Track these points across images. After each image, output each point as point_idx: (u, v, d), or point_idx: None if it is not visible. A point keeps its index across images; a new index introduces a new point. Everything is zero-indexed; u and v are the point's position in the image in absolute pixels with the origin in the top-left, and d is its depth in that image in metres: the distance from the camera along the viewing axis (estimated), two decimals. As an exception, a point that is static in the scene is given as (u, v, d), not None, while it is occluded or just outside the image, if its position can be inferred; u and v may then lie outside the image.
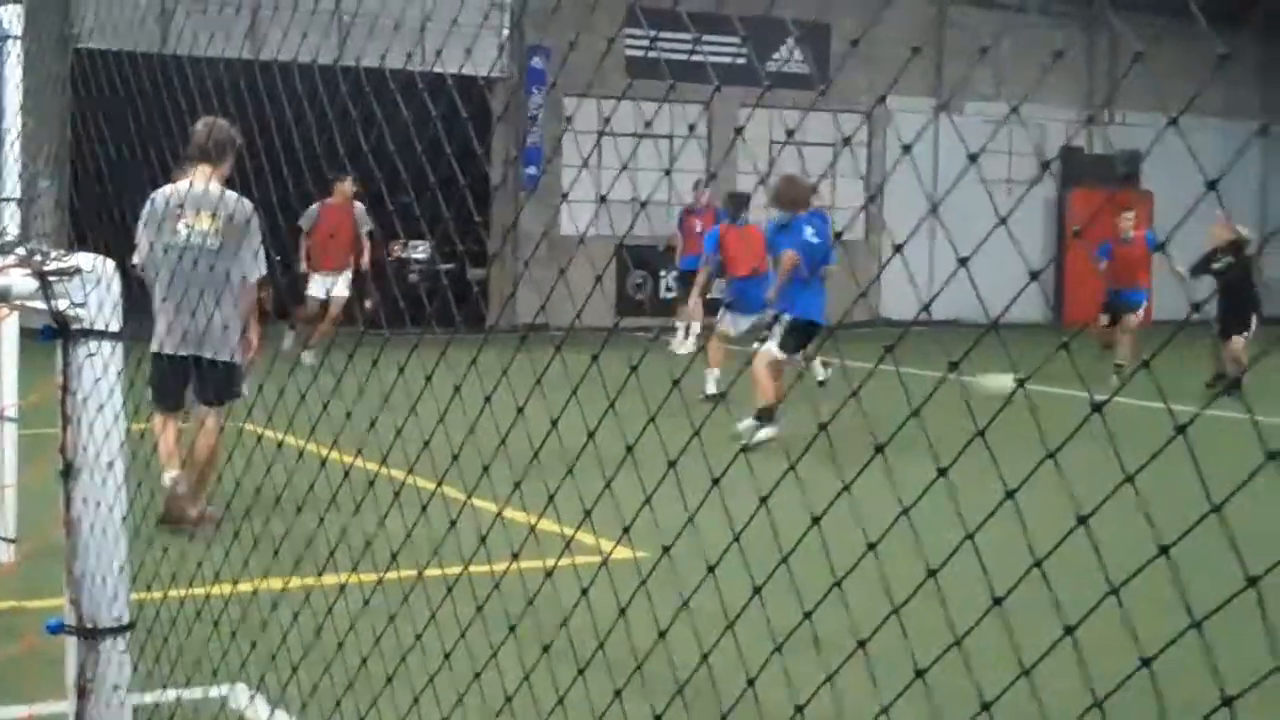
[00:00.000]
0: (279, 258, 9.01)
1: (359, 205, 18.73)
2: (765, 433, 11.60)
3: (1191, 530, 2.63)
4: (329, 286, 18.46)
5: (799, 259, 12.69)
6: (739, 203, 18.44)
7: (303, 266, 18.59)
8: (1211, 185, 2.79)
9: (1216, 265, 17.17)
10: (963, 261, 3.35)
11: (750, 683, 3.26)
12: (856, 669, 3.22)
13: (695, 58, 25.10)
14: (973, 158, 3.41)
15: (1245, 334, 16.79)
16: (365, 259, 18.86)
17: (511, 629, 4.13)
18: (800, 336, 12.36)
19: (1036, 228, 29.18)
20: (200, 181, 8.94)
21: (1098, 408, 2.75)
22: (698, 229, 20.92)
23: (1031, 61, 24.24)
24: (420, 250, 24.21)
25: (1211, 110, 24.94)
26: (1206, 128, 23.12)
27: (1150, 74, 25.04)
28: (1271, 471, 2.35)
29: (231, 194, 8.85)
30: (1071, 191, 28.89)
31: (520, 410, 3.89)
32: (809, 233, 12.33)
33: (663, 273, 25.61)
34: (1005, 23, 26.12)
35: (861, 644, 3.04)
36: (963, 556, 2.93)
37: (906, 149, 2.98)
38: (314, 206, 18.39)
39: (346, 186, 18.33)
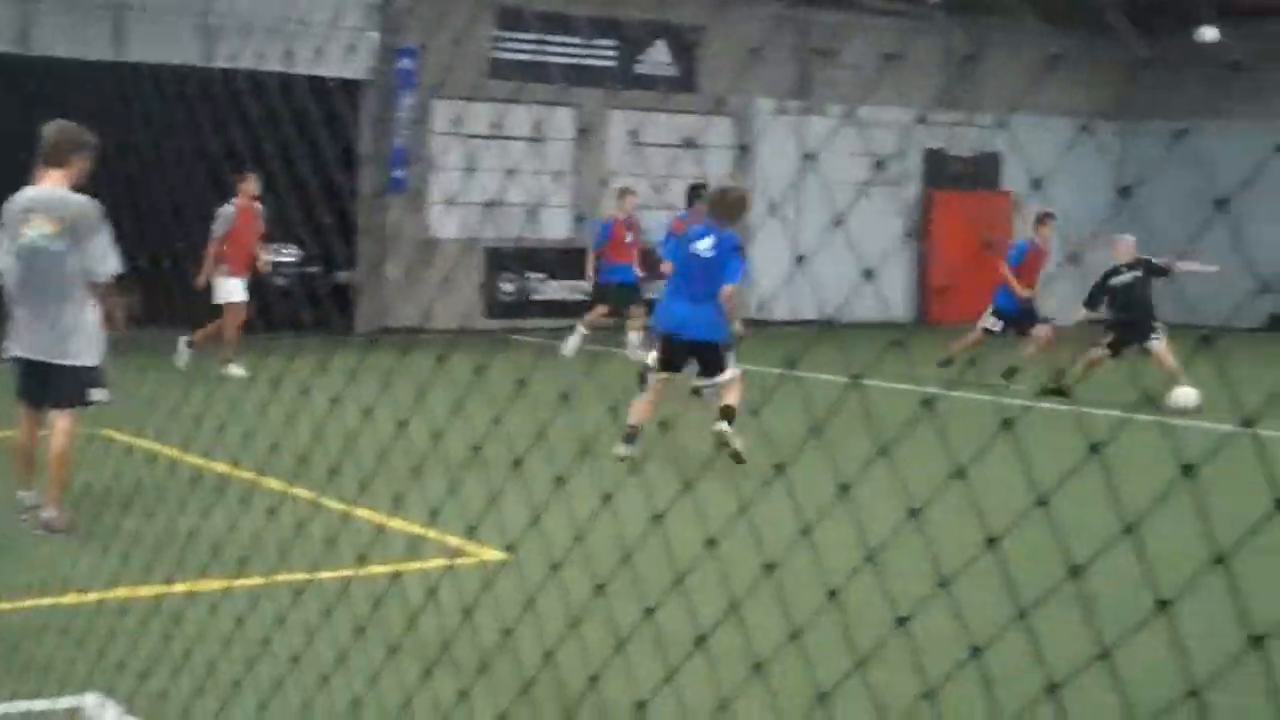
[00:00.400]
0: (129, 265, 8.81)
1: (258, 205, 18.24)
2: (621, 449, 11.22)
3: (1019, 524, 2.68)
4: (230, 290, 17.84)
5: (669, 267, 12.32)
6: (695, 194, 18.38)
7: (221, 271, 17.82)
8: (1036, 184, 2.86)
9: (1117, 280, 16.96)
10: (799, 260, 3.40)
11: (592, 680, 3.27)
12: (698, 665, 3.25)
13: (560, 59, 25.08)
14: (808, 157, 3.47)
15: (1157, 337, 16.62)
16: (264, 259, 18.36)
17: (361, 630, 4.11)
18: (665, 349, 11.77)
19: (903, 229, 29.55)
20: (46, 184, 8.78)
21: (928, 404, 2.81)
22: (627, 239, 20.75)
23: (895, 64, 24.54)
24: (287, 254, 23.95)
25: (1073, 111, 25.38)
26: (1068, 128, 23.56)
27: (1008, 76, 25.45)
28: (1098, 464, 2.41)
29: (76, 196, 8.68)
30: (933, 192, 29.29)
31: (367, 413, 3.87)
32: (700, 245, 11.77)
33: (529, 275, 25.57)
34: (862, 26, 26.40)
35: (702, 639, 3.06)
36: (801, 553, 2.98)
37: (743, 149, 3.00)
38: (229, 207, 17.76)
39: (250, 185, 17.77)
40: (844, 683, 2.98)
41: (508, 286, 25.76)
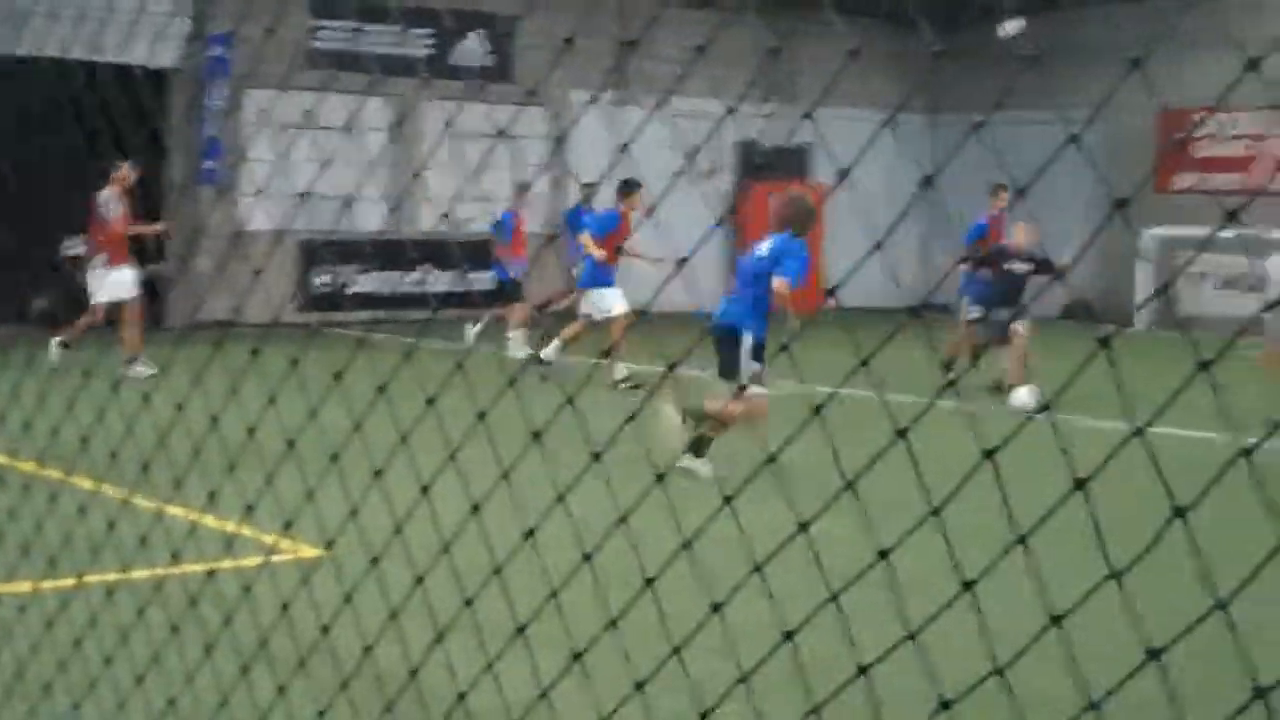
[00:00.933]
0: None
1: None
2: (696, 465, 9.99)
3: (830, 508, 2.75)
4: (120, 283, 17.14)
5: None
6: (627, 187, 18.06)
7: (98, 263, 17.16)
8: (843, 175, 2.93)
9: (1014, 267, 16.41)
10: (619, 251, 3.44)
11: (413, 674, 3.27)
12: (518, 654, 3.27)
13: (376, 49, 24.85)
14: (623, 147, 3.50)
15: (1021, 327, 16.03)
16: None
17: (176, 629, 4.07)
18: (715, 350, 11.24)
19: (715, 219, 29.74)
20: None
21: (741, 389, 2.86)
22: (524, 232, 20.57)
23: (711, 57, 24.71)
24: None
25: (884, 104, 25.90)
26: (879, 120, 23.99)
27: (822, 69, 25.79)
28: (903, 449, 2.49)
29: None
30: (747, 183, 29.60)
31: (179, 408, 3.82)
32: (760, 248, 11.73)
33: (342, 267, 25.29)
34: (677, 19, 26.59)
35: (521, 629, 3.08)
36: (617, 542, 3.01)
37: (558, 141, 3.02)
38: (110, 194, 17.14)
39: (124, 174, 17.12)
40: (661, 670, 3.02)
41: (322, 279, 25.47)
